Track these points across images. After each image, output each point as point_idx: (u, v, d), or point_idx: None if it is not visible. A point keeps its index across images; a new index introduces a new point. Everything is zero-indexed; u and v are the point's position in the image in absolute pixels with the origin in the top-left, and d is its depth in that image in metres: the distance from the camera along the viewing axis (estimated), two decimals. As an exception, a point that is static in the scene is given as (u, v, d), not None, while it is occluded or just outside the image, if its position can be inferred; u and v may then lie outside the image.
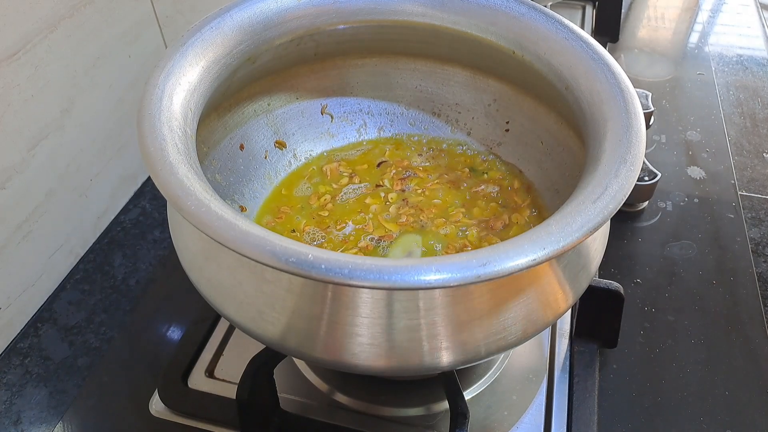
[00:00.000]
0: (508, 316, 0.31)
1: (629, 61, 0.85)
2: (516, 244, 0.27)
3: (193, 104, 0.35)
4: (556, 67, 0.39)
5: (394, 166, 0.50)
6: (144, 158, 0.30)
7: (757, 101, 0.77)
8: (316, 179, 0.49)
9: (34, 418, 0.44)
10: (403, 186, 0.48)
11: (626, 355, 0.48)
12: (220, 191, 0.43)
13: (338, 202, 0.47)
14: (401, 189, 0.48)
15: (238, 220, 0.27)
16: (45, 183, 0.50)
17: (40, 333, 0.50)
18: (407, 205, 0.46)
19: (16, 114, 0.46)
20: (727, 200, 0.62)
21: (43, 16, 0.47)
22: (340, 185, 0.48)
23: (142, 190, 0.63)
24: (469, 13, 0.43)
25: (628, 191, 0.29)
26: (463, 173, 0.49)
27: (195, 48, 0.36)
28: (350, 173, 0.49)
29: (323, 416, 0.43)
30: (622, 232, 0.58)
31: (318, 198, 0.47)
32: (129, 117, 0.59)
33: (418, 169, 0.49)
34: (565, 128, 0.43)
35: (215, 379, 0.46)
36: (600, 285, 0.45)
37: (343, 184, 0.48)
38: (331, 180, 0.48)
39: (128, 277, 0.54)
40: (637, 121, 0.33)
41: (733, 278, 0.54)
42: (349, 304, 0.30)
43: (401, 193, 0.47)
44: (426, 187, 0.48)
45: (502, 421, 0.43)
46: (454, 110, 0.51)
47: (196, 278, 0.35)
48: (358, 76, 0.50)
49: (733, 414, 0.44)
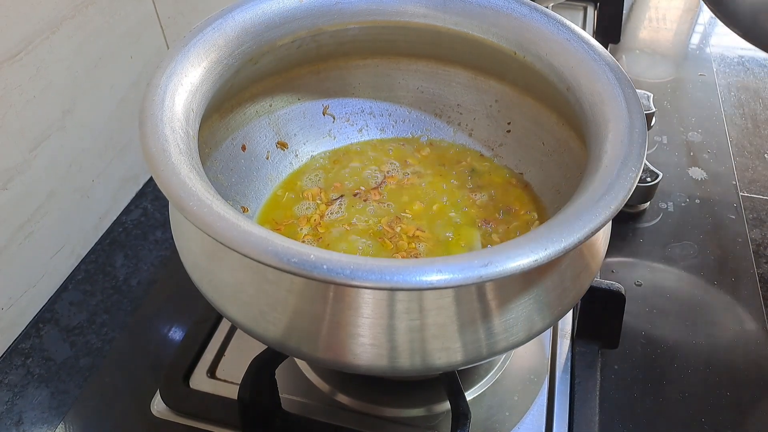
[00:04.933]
0: (510, 316, 0.31)
1: (630, 62, 0.85)
2: (518, 244, 0.27)
3: (195, 105, 0.35)
4: (558, 68, 0.39)
5: (393, 171, 0.49)
6: (146, 159, 0.30)
7: (759, 102, 0.77)
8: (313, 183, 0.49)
9: (36, 418, 0.44)
10: (402, 186, 0.48)
11: (627, 355, 0.48)
12: (222, 192, 0.43)
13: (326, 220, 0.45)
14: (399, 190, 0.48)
15: (240, 221, 0.27)
16: (47, 184, 0.50)
17: (42, 333, 0.50)
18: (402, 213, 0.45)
19: (18, 115, 0.46)
20: (729, 201, 0.62)
21: (45, 17, 0.47)
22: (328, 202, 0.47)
23: (143, 190, 0.63)
24: (470, 14, 0.43)
25: (629, 192, 0.29)
26: (465, 174, 0.49)
27: (197, 49, 0.36)
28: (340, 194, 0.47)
29: (325, 417, 0.43)
30: (624, 233, 0.58)
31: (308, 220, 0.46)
32: (131, 118, 0.59)
33: (419, 172, 0.49)
34: (566, 129, 0.43)
35: (217, 379, 0.46)
36: (601, 286, 0.45)
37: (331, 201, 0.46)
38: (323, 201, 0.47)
39: (130, 277, 0.54)
40: (638, 122, 0.33)
41: (734, 279, 0.54)
42: (351, 305, 0.30)
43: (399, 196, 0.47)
44: (426, 188, 0.48)
45: (503, 421, 0.43)
46: (455, 111, 0.51)
47: (198, 279, 0.35)
48: (360, 77, 0.50)
49: (734, 415, 0.44)
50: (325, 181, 0.49)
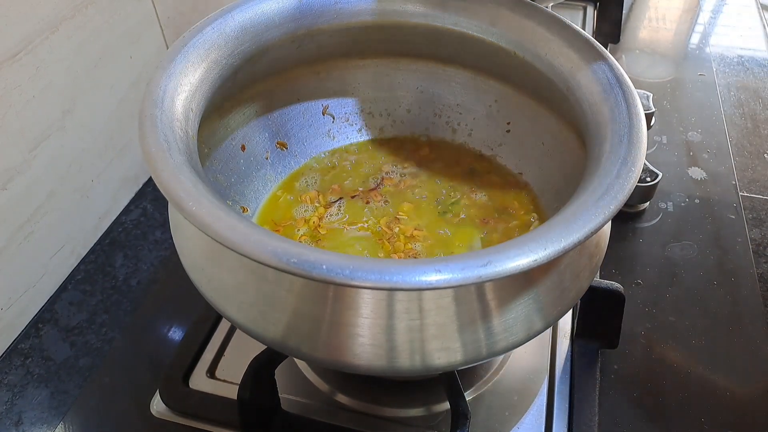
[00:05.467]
0: (510, 316, 0.31)
1: (630, 62, 0.85)
2: (517, 244, 0.27)
3: (194, 105, 0.35)
4: (557, 68, 0.39)
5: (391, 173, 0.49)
6: (145, 159, 0.30)
7: (758, 102, 0.77)
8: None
9: (36, 418, 0.44)
10: (401, 188, 0.48)
11: (627, 355, 0.48)
12: (222, 192, 0.43)
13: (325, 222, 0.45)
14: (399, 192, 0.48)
15: (240, 221, 0.27)
16: (46, 184, 0.50)
17: (42, 333, 0.50)
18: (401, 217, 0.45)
19: (18, 115, 0.46)
20: (728, 201, 0.62)
21: (45, 17, 0.47)
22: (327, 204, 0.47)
23: (143, 190, 0.63)
24: (470, 13, 0.43)
25: (629, 192, 0.29)
26: (464, 174, 0.49)
27: (196, 49, 0.36)
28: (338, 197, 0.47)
29: (324, 417, 0.43)
30: (623, 233, 0.58)
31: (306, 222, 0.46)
32: (130, 118, 0.59)
33: (418, 172, 0.49)
34: (566, 129, 0.43)
35: (216, 379, 0.46)
36: (601, 285, 0.45)
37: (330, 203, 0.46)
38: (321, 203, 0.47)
39: (129, 277, 0.54)
40: (638, 121, 0.33)
41: (734, 279, 0.54)
42: (351, 305, 0.30)
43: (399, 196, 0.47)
44: (425, 188, 0.48)
45: (503, 421, 0.43)
46: (455, 111, 0.51)
47: (198, 279, 0.35)
48: (359, 77, 0.51)
49: (734, 415, 0.44)
50: (324, 182, 0.49)
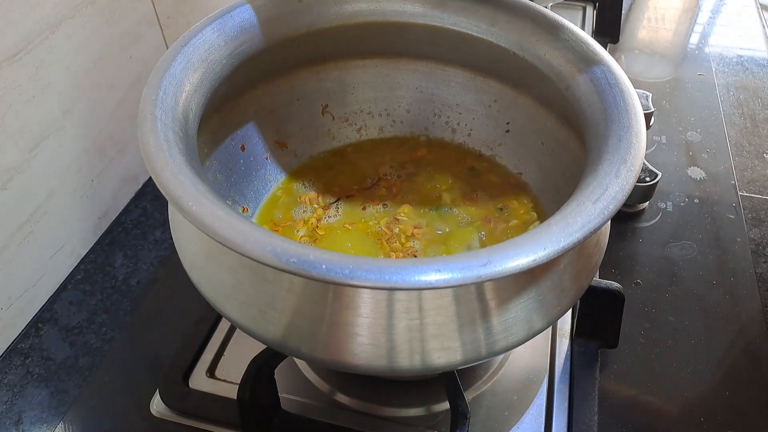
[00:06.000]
0: (509, 316, 0.31)
1: (629, 62, 0.85)
2: (517, 244, 0.27)
3: (194, 105, 0.35)
4: (557, 68, 0.39)
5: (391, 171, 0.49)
6: (145, 159, 0.30)
7: (758, 102, 0.77)
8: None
9: (35, 418, 0.44)
10: (400, 190, 0.48)
11: (627, 355, 0.48)
12: (222, 191, 0.43)
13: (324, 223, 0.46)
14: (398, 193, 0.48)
15: (239, 221, 0.27)
16: (46, 183, 0.50)
17: (41, 333, 0.50)
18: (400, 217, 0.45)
19: (18, 115, 0.46)
20: (728, 201, 0.62)
21: (44, 17, 0.47)
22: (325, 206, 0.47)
23: (143, 190, 0.63)
24: (469, 14, 0.43)
25: (628, 192, 0.29)
26: (464, 174, 0.49)
27: (196, 49, 0.36)
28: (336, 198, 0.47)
29: (324, 416, 0.43)
30: (623, 233, 0.58)
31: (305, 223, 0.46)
32: (130, 117, 0.59)
33: (418, 172, 0.49)
34: (565, 129, 0.43)
35: (216, 379, 0.46)
36: (600, 285, 0.45)
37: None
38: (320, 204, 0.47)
39: (129, 277, 0.54)
40: (637, 121, 0.33)
41: (733, 279, 0.54)
42: (350, 304, 0.30)
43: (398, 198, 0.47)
44: (425, 188, 0.48)
45: (502, 421, 0.43)
46: (454, 111, 0.51)
47: (197, 278, 0.35)
48: (359, 77, 0.51)
49: (733, 415, 0.44)
50: (324, 182, 0.49)
